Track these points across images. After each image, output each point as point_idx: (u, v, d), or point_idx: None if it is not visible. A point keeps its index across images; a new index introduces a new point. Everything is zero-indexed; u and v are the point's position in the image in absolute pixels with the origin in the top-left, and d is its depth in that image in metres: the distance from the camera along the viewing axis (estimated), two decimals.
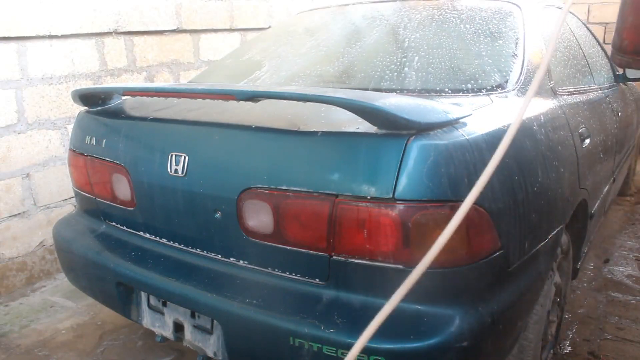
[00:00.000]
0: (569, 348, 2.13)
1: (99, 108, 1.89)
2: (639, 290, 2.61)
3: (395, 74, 1.72)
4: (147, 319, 1.69)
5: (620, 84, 2.96)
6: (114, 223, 1.83)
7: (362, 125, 1.28)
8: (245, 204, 1.40)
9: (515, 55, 1.76)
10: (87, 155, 1.83)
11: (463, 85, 1.63)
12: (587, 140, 1.98)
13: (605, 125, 2.37)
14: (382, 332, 1.22)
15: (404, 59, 1.79)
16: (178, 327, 1.60)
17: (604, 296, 2.55)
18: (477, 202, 1.23)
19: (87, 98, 1.86)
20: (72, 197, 2.83)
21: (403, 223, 1.19)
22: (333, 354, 1.23)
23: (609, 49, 3.24)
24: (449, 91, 1.61)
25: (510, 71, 1.70)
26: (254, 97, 1.37)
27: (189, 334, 1.57)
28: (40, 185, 2.81)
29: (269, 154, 1.36)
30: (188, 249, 1.59)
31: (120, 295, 1.70)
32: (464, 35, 1.88)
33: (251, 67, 2.10)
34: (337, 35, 2.15)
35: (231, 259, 1.49)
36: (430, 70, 1.71)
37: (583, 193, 1.91)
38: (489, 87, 1.62)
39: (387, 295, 1.26)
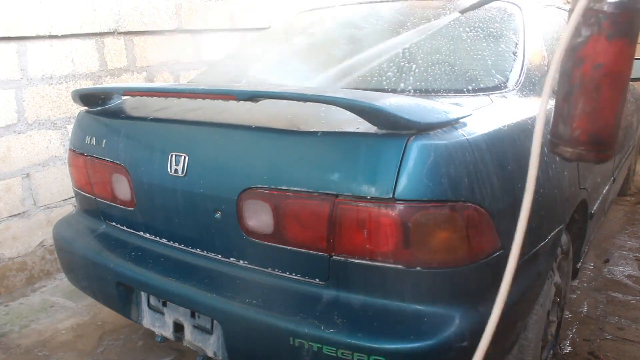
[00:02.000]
0: (569, 348, 2.13)
1: (99, 108, 1.89)
2: (639, 290, 2.61)
3: (395, 74, 1.72)
4: (147, 319, 1.69)
5: None
6: (114, 223, 1.83)
7: (362, 125, 1.28)
8: (245, 204, 1.40)
9: (515, 55, 1.76)
10: (87, 155, 1.83)
11: (463, 86, 1.63)
12: None
13: None
14: (382, 333, 1.23)
15: (404, 59, 1.79)
16: (178, 327, 1.60)
17: (604, 296, 2.55)
18: (477, 202, 1.23)
19: (87, 98, 1.86)
20: (72, 197, 2.83)
21: (403, 223, 1.19)
22: (333, 354, 1.23)
23: None
24: (449, 91, 1.60)
25: (510, 71, 1.70)
26: (253, 97, 1.37)
27: (189, 334, 1.57)
28: (40, 185, 2.81)
29: (269, 154, 1.36)
30: (188, 249, 1.59)
31: (120, 295, 1.70)
32: (463, 36, 1.88)
33: (251, 67, 2.10)
34: (338, 35, 2.15)
35: (231, 259, 1.49)
36: (430, 71, 1.71)
37: (583, 193, 1.91)
38: (488, 87, 1.62)
39: (388, 295, 1.27)
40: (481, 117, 1.40)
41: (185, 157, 1.50)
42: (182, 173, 1.50)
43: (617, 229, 3.43)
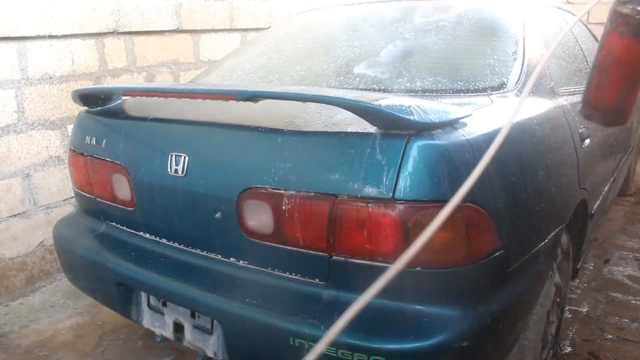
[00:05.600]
0: (569, 348, 2.13)
1: (99, 108, 1.88)
2: (639, 290, 2.61)
3: (395, 74, 1.72)
4: (147, 319, 1.69)
5: None
6: (114, 223, 1.83)
7: (362, 125, 1.28)
8: (245, 204, 1.40)
9: (516, 55, 1.76)
10: (87, 155, 1.83)
11: (463, 86, 1.63)
12: (587, 141, 1.98)
13: None
14: (382, 333, 1.23)
15: (404, 59, 1.79)
16: (178, 327, 1.60)
17: (604, 296, 2.55)
18: (477, 202, 1.23)
19: (87, 98, 1.86)
20: (72, 197, 2.83)
21: (403, 223, 1.19)
22: (333, 354, 1.23)
23: None
24: (449, 91, 1.60)
25: (510, 71, 1.70)
26: (253, 97, 1.37)
27: (189, 334, 1.57)
28: (40, 185, 2.81)
29: (269, 154, 1.36)
30: (188, 249, 1.59)
31: (120, 295, 1.70)
32: (463, 35, 1.88)
33: (251, 67, 2.10)
34: (338, 35, 2.15)
35: (231, 259, 1.49)
36: (430, 71, 1.71)
37: (583, 193, 1.91)
38: (489, 88, 1.62)
39: (387, 295, 1.27)
40: (481, 117, 1.40)
41: (185, 157, 1.50)
42: (182, 173, 1.50)
43: (617, 229, 3.43)
